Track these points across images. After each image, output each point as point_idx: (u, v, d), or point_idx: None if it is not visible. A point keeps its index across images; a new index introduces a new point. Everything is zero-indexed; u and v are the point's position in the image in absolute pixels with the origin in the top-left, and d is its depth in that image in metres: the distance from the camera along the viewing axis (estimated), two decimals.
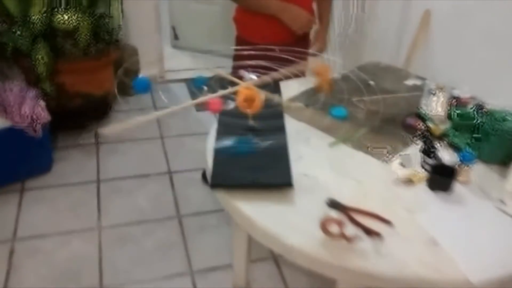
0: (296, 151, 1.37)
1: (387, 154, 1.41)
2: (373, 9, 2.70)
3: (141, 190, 2.45)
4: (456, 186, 1.28)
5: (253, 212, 1.16)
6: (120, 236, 2.15)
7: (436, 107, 1.63)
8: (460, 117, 1.54)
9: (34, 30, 2.25)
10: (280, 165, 1.27)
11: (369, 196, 1.25)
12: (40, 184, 2.44)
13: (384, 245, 1.09)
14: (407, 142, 1.48)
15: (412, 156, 1.41)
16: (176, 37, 4.16)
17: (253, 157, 1.28)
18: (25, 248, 2.06)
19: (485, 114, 1.49)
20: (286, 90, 1.71)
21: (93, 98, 2.73)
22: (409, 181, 1.30)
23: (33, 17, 2.21)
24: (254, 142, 1.32)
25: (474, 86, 1.72)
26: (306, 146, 1.43)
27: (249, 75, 1.35)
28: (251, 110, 1.31)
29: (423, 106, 1.65)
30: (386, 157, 1.40)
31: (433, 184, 1.28)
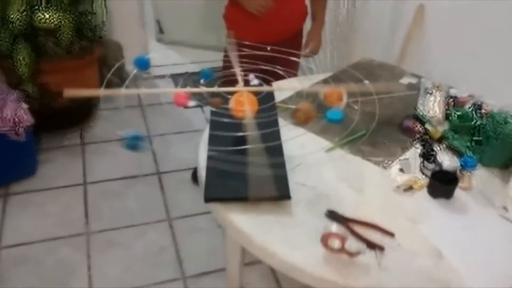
0: (292, 159, 1.32)
1: (386, 161, 1.36)
2: (365, 3, 2.64)
3: (129, 192, 2.38)
4: (457, 192, 1.24)
5: (250, 227, 1.12)
6: (109, 242, 2.09)
7: (433, 107, 1.59)
8: (459, 118, 1.50)
9: (14, 30, 2.15)
10: (277, 175, 1.22)
11: (369, 205, 1.21)
12: (25, 188, 2.36)
13: (387, 259, 1.05)
14: (405, 146, 1.44)
15: (411, 161, 1.37)
16: (161, 31, 4.06)
17: (249, 167, 1.23)
18: (12, 256, 1.99)
19: (485, 116, 1.46)
20: (279, 92, 1.66)
21: (77, 98, 2.63)
22: (410, 188, 1.26)
23: (12, 16, 2.11)
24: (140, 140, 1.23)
25: (471, 84, 1.69)
26: (302, 152, 1.38)
27: (255, 80, 1.29)
28: (245, 115, 1.26)
29: (420, 106, 1.61)
30: (385, 163, 1.36)
31: (434, 191, 1.24)
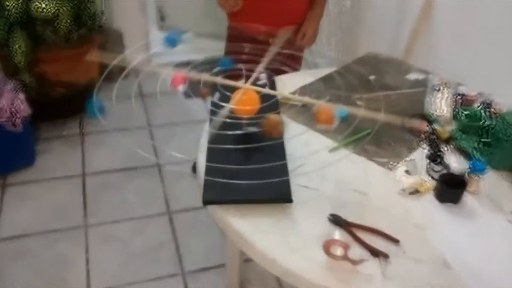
0: (295, 159, 1.28)
1: (391, 162, 1.32)
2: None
3: (129, 184, 2.35)
4: (465, 196, 1.20)
5: (249, 232, 1.08)
6: (107, 235, 2.06)
7: (441, 105, 1.54)
8: (467, 117, 1.45)
9: (10, 18, 2.09)
10: (279, 176, 1.18)
11: (374, 209, 1.17)
12: (23, 179, 2.32)
13: (391, 267, 1.01)
14: (411, 146, 1.40)
15: (418, 162, 1.33)
16: (163, 18, 3.98)
17: (249, 168, 1.18)
18: (9, 250, 1.97)
19: (494, 116, 1.41)
20: (282, 86, 1.61)
21: (76, 86, 2.59)
22: (416, 191, 1.22)
23: (7, 4, 2.05)
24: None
25: (480, 81, 1.63)
26: (305, 152, 1.34)
27: (265, 78, 1.24)
28: (247, 114, 1.22)
29: (427, 104, 1.56)
30: (390, 164, 1.31)
31: (441, 195, 1.20)
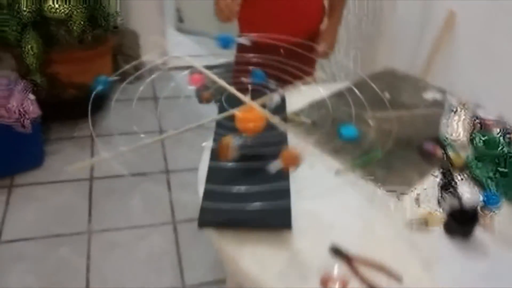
0: (298, 181, 1.23)
1: (400, 189, 1.25)
2: (392, 5, 2.48)
3: (136, 190, 2.32)
4: (477, 231, 1.13)
5: (245, 260, 1.03)
6: (110, 242, 2.04)
7: (457, 128, 1.47)
8: (485, 144, 1.38)
9: (23, 18, 2.08)
10: (279, 200, 1.12)
11: (378, 242, 1.10)
12: (30, 180, 2.31)
13: None
14: (423, 172, 1.32)
15: (429, 191, 1.26)
16: (181, 20, 3.97)
17: (250, 189, 1.13)
18: (11, 252, 1.96)
19: None
20: (291, 101, 1.56)
21: (88, 88, 2.57)
22: (424, 224, 1.15)
23: (21, 5, 2.03)
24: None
25: (501, 104, 1.55)
26: (310, 174, 1.28)
27: (278, 98, 1.19)
28: (251, 132, 1.17)
29: (443, 126, 1.49)
30: (399, 192, 1.25)
31: (450, 230, 1.13)
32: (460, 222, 1.12)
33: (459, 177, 1.30)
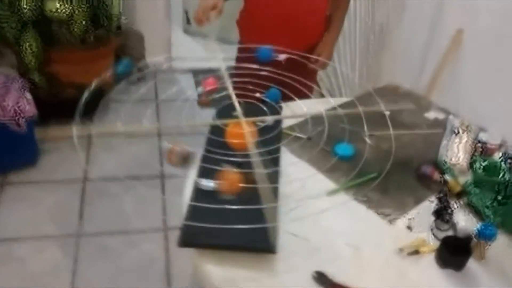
0: (288, 200, 1.18)
1: (393, 214, 1.21)
2: (399, 21, 2.42)
3: (128, 194, 2.28)
4: (470, 263, 1.08)
5: (223, 283, 0.99)
6: (99, 247, 2.00)
7: (457, 152, 1.42)
8: (484, 170, 1.33)
9: (23, 16, 2.05)
10: (265, 223, 1.07)
11: (366, 269, 1.06)
12: (23, 178, 2.29)
13: None
14: (419, 197, 1.27)
15: (423, 217, 1.21)
16: (189, 21, 3.93)
17: (235, 209, 1.08)
18: None
19: None
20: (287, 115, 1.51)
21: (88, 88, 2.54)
22: (415, 252, 1.10)
23: (22, 4, 2.00)
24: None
25: (506, 128, 1.49)
26: (300, 192, 1.24)
27: (270, 121, 1.17)
28: (240, 148, 1.14)
29: (443, 149, 1.44)
30: (392, 216, 1.20)
31: (442, 260, 1.08)
32: (452, 252, 1.07)
33: (456, 204, 1.24)
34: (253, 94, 1.39)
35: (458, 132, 1.49)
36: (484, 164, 1.34)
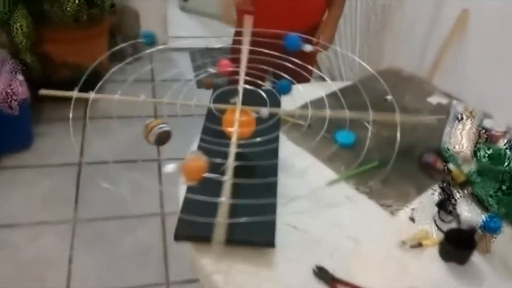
0: (286, 191, 1.15)
1: (395, 204, 1.17)
2: (400, 2, 2.34)
3: (125, 178, 2.24)
4: (474, 257, 1.05)
5: (220, 277, 0.96)
6: (95, 233, 1.97)
7: (461, 139, 1.37)
8: (489, 158, 1.29)
9: None
10: (264, 215, 1.04)
11: (367, 263, 1.03)
12: (18, 162, 2.24)
13: None
14: (422, 186, 1.24)
15: (426, 207, 1.17)
16: None
17: (232, 203, 1.05)
18: None
19: None
20: (288, 100, 1.46)
21: (83, 69, 2.48)
22: (418, 245, 1.07)
23: None
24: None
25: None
26: (300, 183, 1.20)
27: (266, 112, 1.11)
28: (240, 136, 1.09)
29: (446, 136, 1.40)
30: (394, 207, 1.16)
31: (446, 254, 1.05)
32: (456, 245, 1.04)
33: (459, 194, 1.21)
34: (253, 79, 1.34)
35: (462, 118, 1.44)
36: (488, 152, 1.30)
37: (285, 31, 1.41)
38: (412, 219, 1.14)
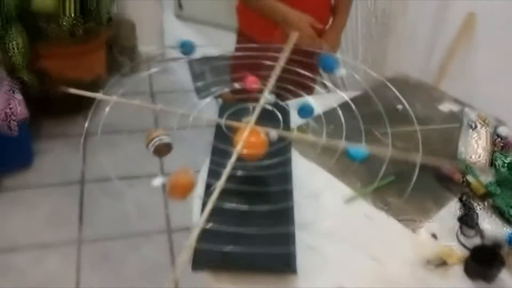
0: (303, 211, 1.11)
1: (415, 220, 1.14)
2: (404, 3, 2.30)
3: (129, 195, 2.19)
4: (502, 273, 1.02)
5: None
6: (101, 253, 1.93)
7: (476, 147, 1.34)
8: (507, 167, 1.26)
9: (7, 14, 1.93)
10: (282, 239, 1.00)
11: (389, 284, 0.99)
12: (18, 183, 2.20)
13: None
14: (441, 200, 1.20)
15: (448, 222, 1.14)
16: (181, 6, 3.80)
17: (250, 231, 1.00)
18: None
19: None
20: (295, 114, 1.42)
21: (81, 83, 2.43)
22: (443, 263, 1.04)
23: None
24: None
25: None
26: (316, 202, 1.17)
27: (275, 135, 1.06)
28: (252, 158, 1.05)
29: (461, 146, 1.36)
30: (414, 223, 1.13)
31: (471, 272, 1.01)
32: (481, 263, 1.00)
33: (480, 207, 1.18)
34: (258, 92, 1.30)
35: (476, 127, 1.41)
36: (507, 161, 1.27)
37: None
38: (434, 236, 1.10)
